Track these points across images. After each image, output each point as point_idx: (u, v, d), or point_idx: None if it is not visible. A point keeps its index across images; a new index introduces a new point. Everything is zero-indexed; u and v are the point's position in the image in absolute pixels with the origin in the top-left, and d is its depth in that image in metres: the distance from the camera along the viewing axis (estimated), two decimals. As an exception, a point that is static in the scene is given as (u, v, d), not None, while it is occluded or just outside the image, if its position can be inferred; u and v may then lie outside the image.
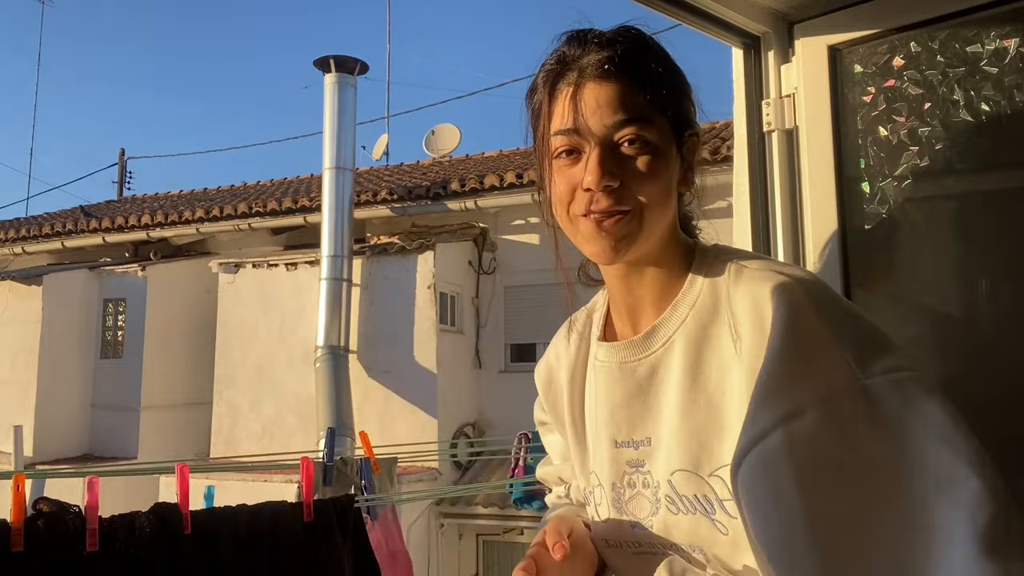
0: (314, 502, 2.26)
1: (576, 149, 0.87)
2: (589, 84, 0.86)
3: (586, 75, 0.86)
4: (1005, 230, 1.29)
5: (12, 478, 1.84)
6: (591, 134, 0.85)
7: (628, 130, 0.85)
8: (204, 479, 4.91)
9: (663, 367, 0.90)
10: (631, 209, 0.86)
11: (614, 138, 0.85)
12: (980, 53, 1.29)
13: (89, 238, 10.86)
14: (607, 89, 0.85)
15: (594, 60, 0.86)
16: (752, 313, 0.82)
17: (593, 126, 0.85)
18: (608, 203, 0.85)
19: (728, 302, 0.86)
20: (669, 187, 0.89)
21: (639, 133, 0.85)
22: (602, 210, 0.85)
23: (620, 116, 0.85)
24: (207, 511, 2.14)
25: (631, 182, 0.85)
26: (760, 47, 1.50)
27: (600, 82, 0.85)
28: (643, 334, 0.92)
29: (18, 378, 9.53)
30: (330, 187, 8.44)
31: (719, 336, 0.86)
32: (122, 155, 17.05)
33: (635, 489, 0.90)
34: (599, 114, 0.85)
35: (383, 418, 8.00)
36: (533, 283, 8.46)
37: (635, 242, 0.87)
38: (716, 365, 0.85)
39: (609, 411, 0.94)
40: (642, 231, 0.87)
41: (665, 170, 0.87)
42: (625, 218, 0.86)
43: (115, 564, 1.85)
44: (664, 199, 0.88)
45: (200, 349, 9.34)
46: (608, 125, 0.85)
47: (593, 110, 0.85)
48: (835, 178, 1.41)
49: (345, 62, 8.75)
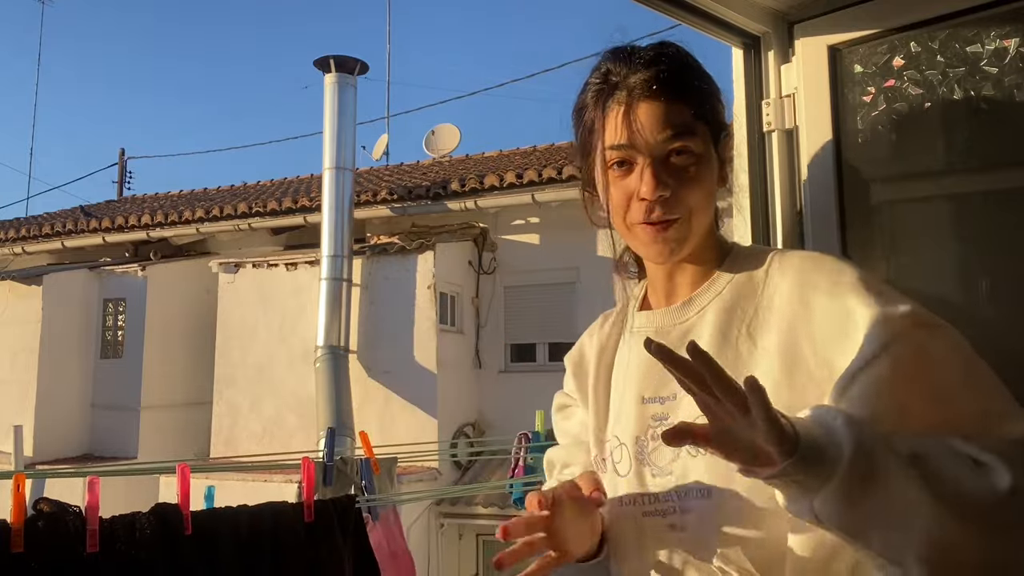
0: (315, 502, 2.26)
1: (628, 161, 0.97)
2: (638, 102, 0.95)
3: (635, 94, 0.96)
4: (1005, 230, 1.29)
5: (12, 478, 1.84)
6: (644, 149, 0.95)
7: (676, 144, 0.95)
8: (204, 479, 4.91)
9: (694, 332, 0.98)
10: (682, 216, 0.96)
11: (665, 151, 0.95)
12: (980, 53, 1.29)
13: (89, 238, 10.86)
14: (655, 107, 0.95)
15: (641, 80, 0.96)
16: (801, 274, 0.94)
17: (645, 141, 0.95)
18: (662, 212, 0.96)
19: (773, 273, 0.97)
20: (712, 189, 1.00)
21: (685, 145, 0.95)
22: (658, 218, 0.96)
23: (669, 132, 0.95)
24: (207, 511, 2.14)
25: (681, 191, 0.96)
26: (760, 47, 1.50)
27: (649, 100, 0.95)
28: (681, 303, 1.02)
29: (18, 378, 9.53)
30: (330, 187, 8.44)
31: (752, 303, 0.96)
32: (122, 155, 17.06)
33: (658, 441, 0.96)
34: (650, 130, 0.95)
35: (383, 418, 7.99)
36: (533, 283, 8.47)
37: (686, 243, 0.98)
38: (746, 332, 0.95)
39: (641, 372, 1.02)
40: (691, 233, 0.98)
41: (709, 175, 0.98)
42: (677, 224, 0.96)
43: (115, 565, 1.85)
44: (709, 201, 0.99)
45: (200, 349, 9.34)
46: (659, 140, 0.95)
47: (644, 127, 0.95)
48: (835, 178, 1.41)
49: (345, 62, 8.75)
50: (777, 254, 1.00)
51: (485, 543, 8.17)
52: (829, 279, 0.91)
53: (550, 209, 8.13)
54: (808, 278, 0.93)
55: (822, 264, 0.94)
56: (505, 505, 7.05)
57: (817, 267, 0.94)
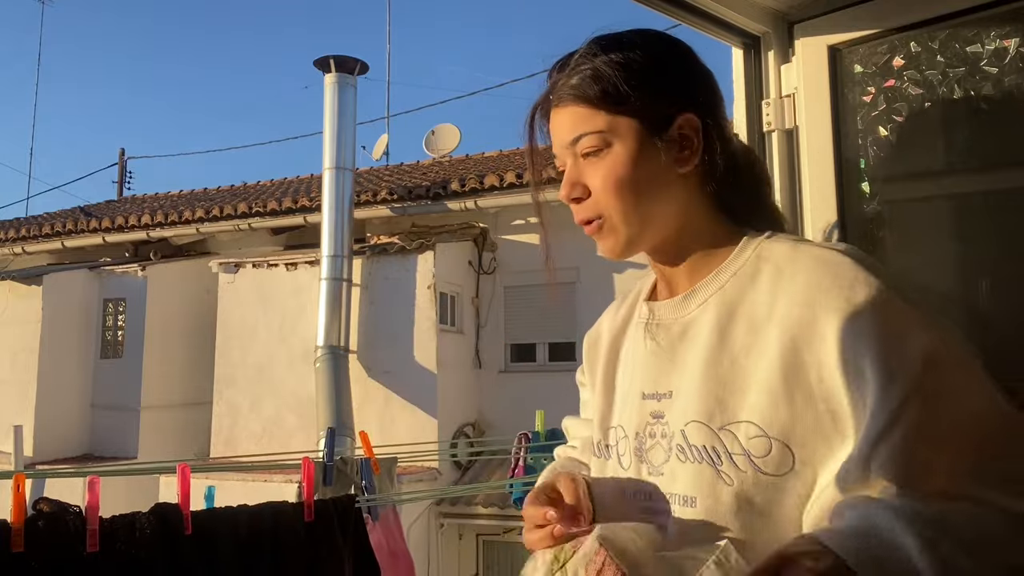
0: (315, 502, 2.26)
1: (563, 168, 0.99)
2: (553, 110, 0.98)
3: (549, 104, 0.98)
4: (1005, 230, 1.29)
5: (12, 478, 1.84)
6: (561, 155, 0.98)
7: (581, 144, 0.95)
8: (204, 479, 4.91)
9: (695, 326, 0.96)
10: (603, 214, 0.95)
11: (577, 153, 0.96)
12: (980, 53, 1.29)
13: (89, 238, 10.86)
14: (562, 112, 0.97)
15: (553, 89, 0.98)
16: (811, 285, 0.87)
17: (559, 148, 0.98)
18: (581, 214, 0.97)
19: (783, 271, 0.90)
20: (646, 182, 0.94)
21: (591, 144, 0.94)
22: (579, 221, 0.98)
23: (571, 135, 0.95)
24: (207, 511, 2.13)
25: (594, 188, 0.95)
26: (760, 47, 1.50)
27: (557, 107, 0.97)
28: (683, 295, 0.99)
29: (18, 378, 9.53)
30: (330, 187, 8.44)
31: (755, 301, 0.91)
32: (122, 155, 17.06)
33: (655, 439, 0.96)
34: (559, 136, 0.97)
35: (383, 418, 7.99)
36: (533, 283, 8.46)
37: (626, 240, 0.96)
38: (745, 327, 0.90)
39: (643, 365, 1.00)
40: (627, 229, 0.95)
41: (632, 169, 0.94)
42: (597, 224, 0.96)
43: (115, 565, 1.85)
44: (639, 196, 0.94)
45: (200, 349, 9.34)
46: (566, 144, 0.96)
47: (556, 134, 0.98)
48: (835, 178, 1.41)
49: (345, 62, 8.74)
50: (789, 247, 0.93)
51: (485, 543, 8.17)
52: (842, 296, 0.84)
53: (550, 209, 8.06)
54: (820, 291, 0.85)
55: (838, 275, 0.85)
56: (505, 505, 7.05)
57: (833, 279, 0.85)
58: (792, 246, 0.93)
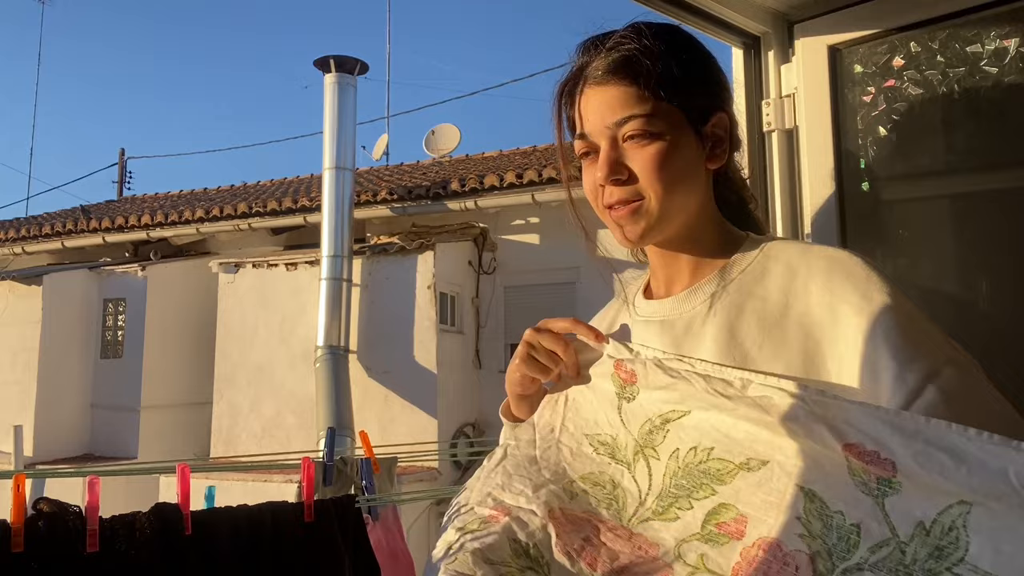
0: (315, 502, 2.26)
1: (592, 150, 0.96)
2: (590, 89, 0.95)
3: (590, 81, 0.95)
4: (1005, 230, 1.29)
5: (12, 478, 1.84)
6: (598, 135, 0.94)
7: (628, 126, 0.92)
8: (204, 479, 4.91)
9: (698, 322, 0.96)
10: (642, 199, 0.93)
11: (618, 135, 0.93)
12: (980, 53, 1.29)
13: (89, 238, 10.86)
14: (606, 91, 0.94)
15: (597, 66, 0.94)
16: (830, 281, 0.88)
17: (598, 127, 0.94)
18: (618, 196, 0.94)
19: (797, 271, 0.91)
20: (684, 171, 0.95)
21: (640, 127, 0.92)
22: (614, 202, 0.95)
23: (619, 115, 0.93)
24: (207, 511, 2.13)
25: (641, 173, 0.93)
26: (760, 47, 1.50)
27: (599, 86, 0.94)
28: (685, 292, 0.99)
29: (18, 378, 9.53)
30: (330, 187, 8.44)
31: (765, 298, 0.92)
32: (122, 155, 17.06)
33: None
34: (601, 116, 0.94)
35: (383, 418, 7.99)
36: (533, 283, 8.45)
37: (653, 227, 0.95)
38: (756, 323, 0.91)
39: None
40: (657, 217, 0.94)
41: (675, 156, 0.93)
42: (634, 207, 0.94)
43: (115, 565, 1.85)
44: (677, 184, 0.94)
45: (200, 349, 9.34)
46: (609, 125, 0.93)
47: (596, 113, 0.94)
48: (835, 178, 1.41)
49: (345, 62, 8.74)
50: (799, 249, 0.94)
51: (485, 543, 8.16)
52: (859, 294, 0.86)
53: (550, 209, 8.13)
54: (837, 288, 0.87)
55: (852, 273, 0.88)
56: (505, 505, 7.04)
57: (847, 276, 0.88)
58: (802, 247, 0.95)
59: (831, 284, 0.88)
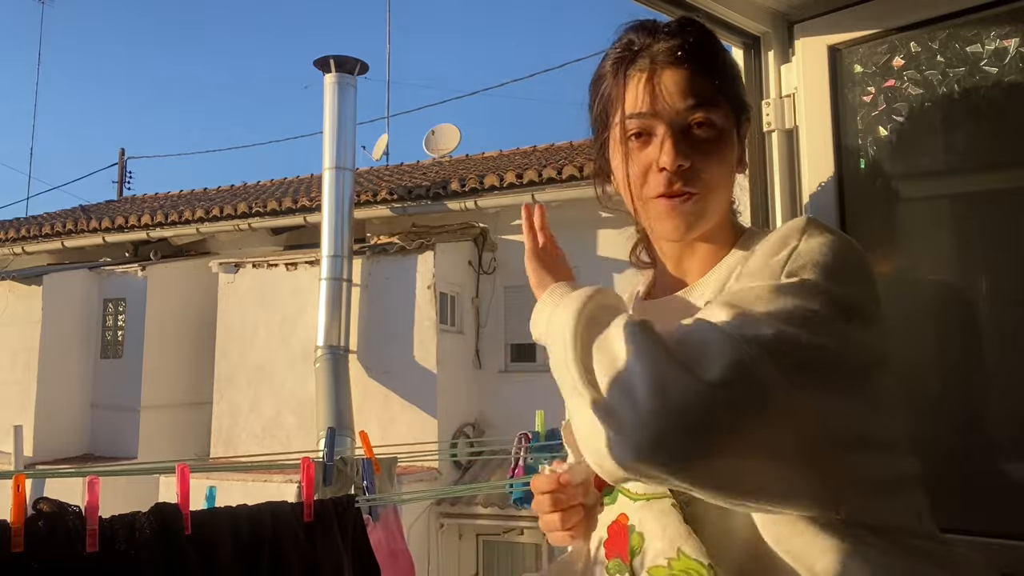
0: (315, 502, 2.26)
1: (646, 132, 0.93)
2: (662, 70, 0.92)
3: (658, 61, 0.92)
4: (1005, 230, 1.29)
5: (12, 478, 1.84)
6: (665, 117, 0.91)
7: (699, 114, 0.91)
8: (204, 479, 4.91)
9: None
10: (700, 191, 0.92)
11: (687, 121, 0.91)
12: (980, 53, 1.29)
13: (89, 238, 10.86)
14: (680, 74, 0.91)
15: (665, 47, 0.92)
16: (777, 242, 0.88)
17: (668, 109, 0.91)
18: (682, 183, 0.92)
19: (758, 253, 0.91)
20: (731, 169, 0.96)
21: (708, 116, 0.92)
22: (677, 191, 0.92)
23: (692, 100, 0.91)
24: (207, 511, 2.13)
25: (700, 164, 0.92)
26: (760, 47, 1.50)
27: (673, 68, 0.91)
28: (685, 290, 0.99)
29: (18, 378, 9.53)
30: (330, 187, 8.44)
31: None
32: (122, 155, 17.06)
33: None
34: (674, 98, 0.91)
35: (383, 418, 7.99)
36: (533, 283, 8.44)
37: (702, 219, 0.94)
38: None
39: None
40: (708, 209, 0.94)
41: (730, 152, 0.95)
42: (694, 198, 0.92)
43: (115, 565, 1.85)
44: (727, 180, 0.96)
45: (200, 349, 9.34)
46: (681, 109, 0.91)
47: (669, 94, 0.91)
48: (835, 178, 1.41)
49: (345, 62, 8.74)
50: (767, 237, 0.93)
51: (485, 543, 8.16)
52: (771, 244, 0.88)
53: (550, 209, 8.10)
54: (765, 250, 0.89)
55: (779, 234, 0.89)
56: (505, 505, 7.05)
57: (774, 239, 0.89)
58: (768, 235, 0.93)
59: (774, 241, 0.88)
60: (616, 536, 0.88)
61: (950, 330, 1.31)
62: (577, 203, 7.61)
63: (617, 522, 0.89)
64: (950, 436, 1.26)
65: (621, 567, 0.87)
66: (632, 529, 0.87)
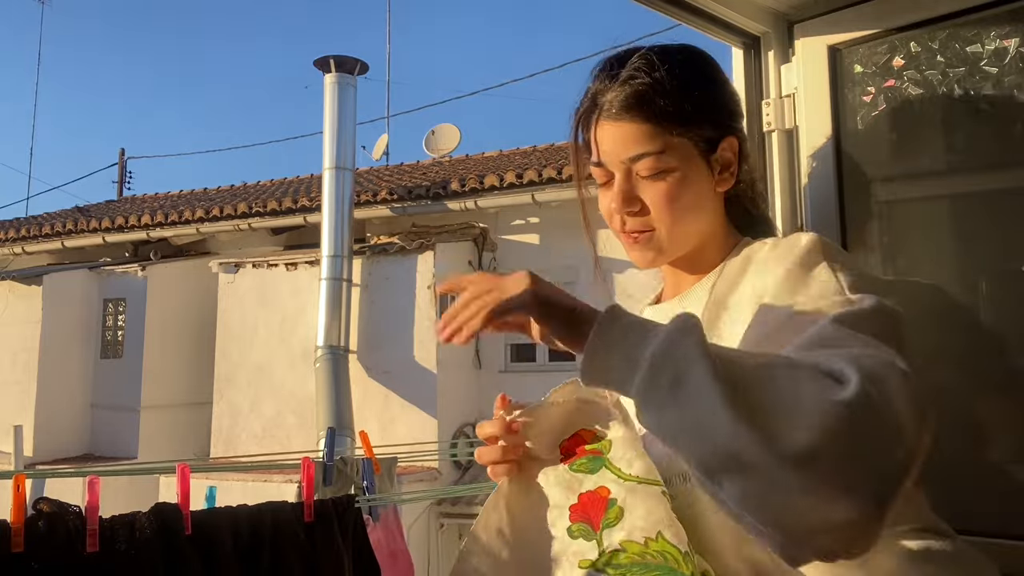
0: (315, 502, 2.26)
1: (608, 177, 0.99)
2: (604, 123, 0.97)
3: (603, 115, 0.97)
4: (1005, 230, 1.29)
5: (12, 478, 1.84)
6: (612, 166, 0.98)
7: (642, 163, 0.96)
8: (204, 479, 4.91)
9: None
10: (655, 227, 0.98)
11: (632, 169, 0.97)
12: (980, 53, 1.29)
13: (89, 238, 10.85)
14: (619, 127, 0.96)
15: (609, 99, 0.96)
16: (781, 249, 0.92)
17: (612, 161, 0.98)
18: (632, 224, 0.99)
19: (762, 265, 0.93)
20: (694, 201, 0.98)
21: (654, 164, 0.95)
22: (629, 231, 0.99)
23: (632, 152, 0.95)
24: (207, 511, 2.13)
25: (652, 203, 0.97)
26: (760, 47, 1.50)
27: (614, 122, 0.96)
28: (678, 297, 1.04)
29: (18, 378, 9.53)
30: (330, 187, 8.44)
31: (739, 300, 0.94)
32: (122, 155, 17.06)
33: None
34: (615, 151, 0.97)
35: (383, 418, 7.99)
36: (533, 283, 8.44)
37: (665, 251, 1.00)
38: (730, 321, 0.93)
39: None
40: (669, 244, 0.99)
41: (685, 189, 0.97)
42: (648, 235, 0.98)
43: (115, 565, 1.85)
44: (687, 214, 0.98)
45: (200, 349, 9.34)
46: (623, 160, 0.97)
47: (610, 147, 0.97)
48: (835, 178, 1.41)
49: (345, 62, 8.74)
50: (770, 245, 0.96)
51: (485, 543, 8.16)
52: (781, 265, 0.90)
53: (550, 209, 8.13)
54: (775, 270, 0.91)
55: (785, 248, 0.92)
56: (505, 505, 7.04)
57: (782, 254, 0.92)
58: (773, 243, 0.97)
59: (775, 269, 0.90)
60: (590, 504, 0.90)
61: (949, 330, 1.31)
62: (577, 203, 7.61)
63: (595, 493, 0.90)
64: (949, 436, 1.26)
65: (587, 532, 0.88)
66: (613, 503, 0.88)
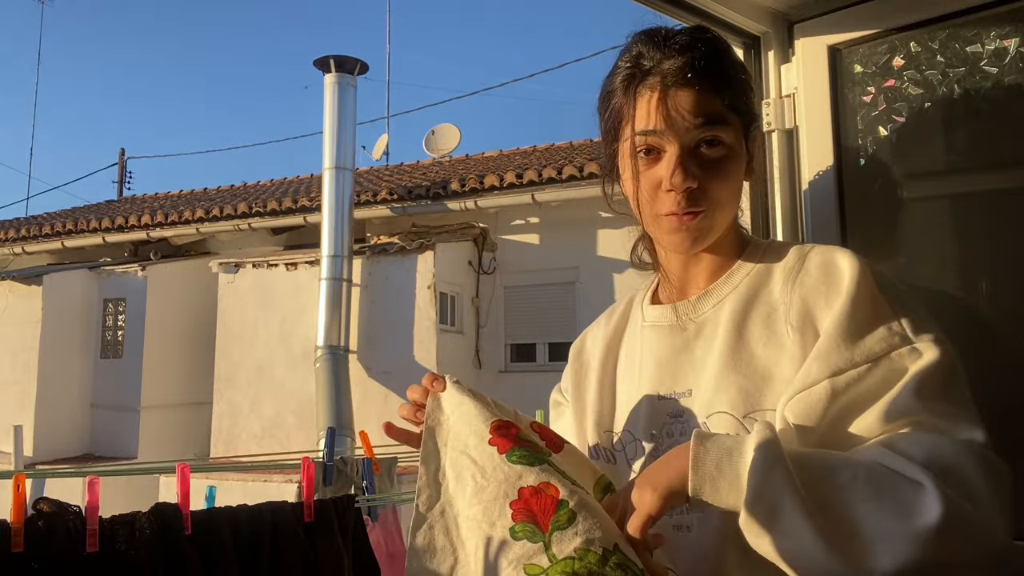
0: (314, 502, 2.26)
1: (656, 149, 0.94)
2: (672, 89, 0.93)
3: (669, 80, 0.93)
4: (1005, 230, 1.29)
5: (12, 478, 1.84)
6: (675, 137, 0.93)
7: (708, 133, 0.93)
8: (204, 479, 4.91)
9: (710, 325, 0.98)
10: (707, 208, 0.94)
11: (696, 140, 0.93)
12: (980, 53, 1.29)
13: (89, 238, 10.86)
14: (690, 94, 0.92)
15: (675, 66, 0.93)
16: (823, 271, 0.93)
17: (677, 130, 0.93)
18: (688, 203, 0.94)
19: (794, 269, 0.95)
20: (739, 183, 0.98)
21: (717, 135, 0.93)
22: (683, 209, 0.94)
23: (701, 120, 0.92)
24: (207, 511, 2.13)
25: (708, 183, 0.94)
26: (760, 47, 1.50)
27: (683, 88, 0.92)
28: (697, 297, 1.01)
29: (18, 378, 9.53)
30: (330, 187, 8.44)
31: (768, 300, 0.95)
32: (122, 155, 17.06)
33: (673, 438, 0.97)
34: (682, 118, 0.92)
35: (383, 418, 7.84)
36: (533, 283, 8.46)
37: (708, 234, 0.97)
38: (760, 322, 0.94)
39: (655, 366, 1.01)
40: (714, 225, 0.96)
41: (737, 168, 0.97)
42: (701, 215, 0.95)
43: (115, 565, 1.85)
44: (734, 195, 0.98)
45: (200, 349, 9.34)
46: (691, 129, 0.92)
47: (678, 114, 0.92)
48: (835, 178, 1.41)
49: (345, 62, 8.74)
50: (798, 252, 0.98)
51: (485, 543, 8.16)
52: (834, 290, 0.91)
53: (550, 209, 8.13)
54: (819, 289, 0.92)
55: (830, 273, 0.92)
56: (505, 505, 7.05)
57: (826, 275, 0.92)
58: (801, 250, 0.98)
59: (816, 285, 0.92)
60: (535, 501, 0.87)
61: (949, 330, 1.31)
62: (577, 203, 7.61)
63: (536, 489, 0.88)
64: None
65: (533, 533, 0.86)
66: (563, 505, 0.86)
